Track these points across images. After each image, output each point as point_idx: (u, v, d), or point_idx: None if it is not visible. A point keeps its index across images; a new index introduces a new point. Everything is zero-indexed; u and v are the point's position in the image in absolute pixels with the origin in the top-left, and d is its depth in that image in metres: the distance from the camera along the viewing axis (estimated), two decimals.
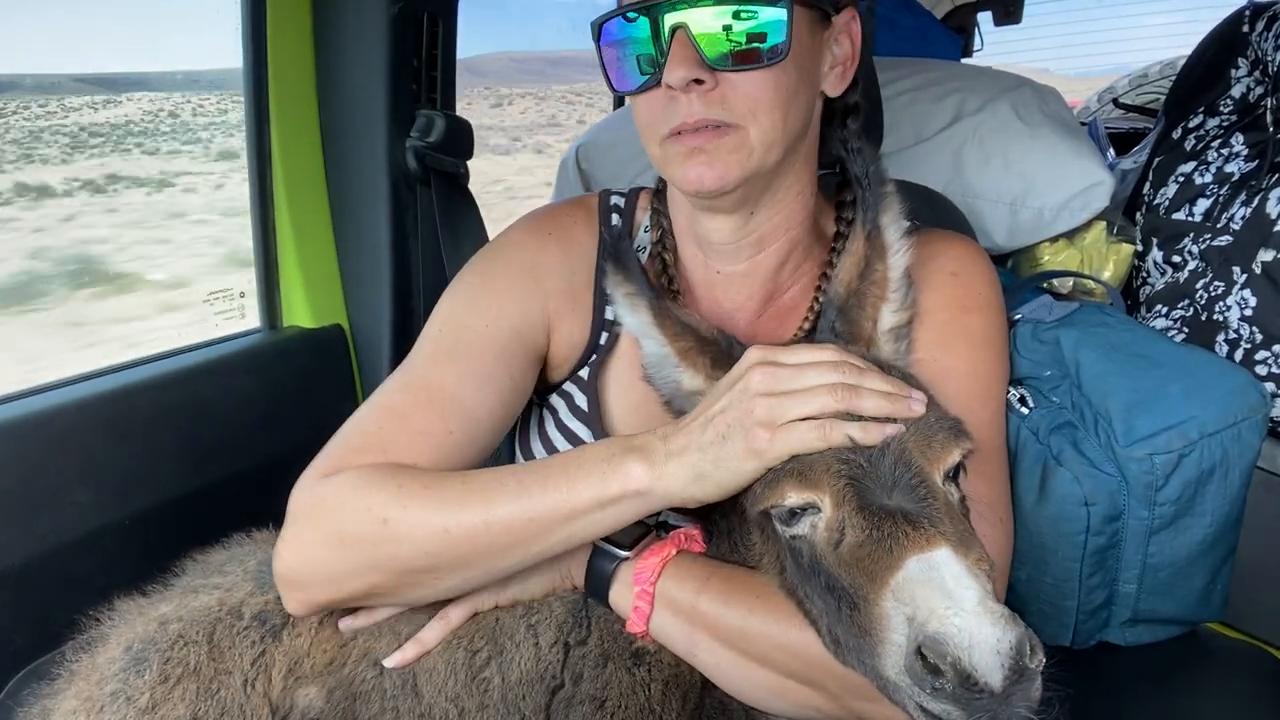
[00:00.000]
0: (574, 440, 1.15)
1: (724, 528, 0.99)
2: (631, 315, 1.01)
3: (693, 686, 0.96)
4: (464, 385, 1.04)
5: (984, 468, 1.01)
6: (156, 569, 1.06)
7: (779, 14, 0.96)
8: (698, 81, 0.96)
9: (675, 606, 0.93)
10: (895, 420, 0.78)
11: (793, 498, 0.78)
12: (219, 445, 1.62)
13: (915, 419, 0.80)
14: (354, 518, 0.90)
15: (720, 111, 0.97)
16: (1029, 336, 1.36)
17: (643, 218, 1.21)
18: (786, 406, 0.79)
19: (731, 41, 0.96)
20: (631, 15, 0.99)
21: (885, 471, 0.76)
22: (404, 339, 1.90)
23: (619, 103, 3.32)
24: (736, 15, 0.96)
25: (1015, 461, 1.27)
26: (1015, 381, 1.33)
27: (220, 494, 1.61)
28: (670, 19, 0.96)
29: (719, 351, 0.96)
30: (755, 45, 0.97)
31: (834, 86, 1.10)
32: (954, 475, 0.81)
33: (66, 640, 1.01)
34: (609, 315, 1.14)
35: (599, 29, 1.03)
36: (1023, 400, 1.31)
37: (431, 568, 0.91)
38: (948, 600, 0.65)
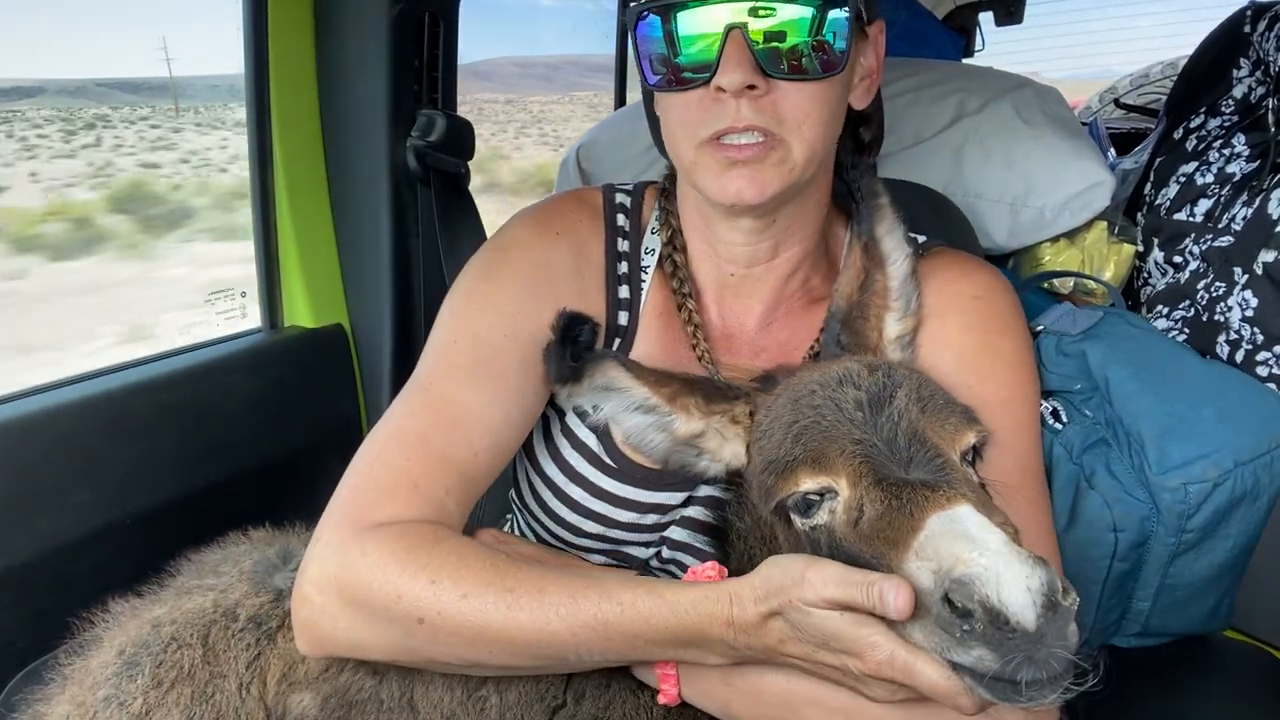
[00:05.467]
0: (581, 447, 1.11)
1: (740, 549, 0.97)
2: (608, 383, 0.93)
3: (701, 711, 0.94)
4: (488, 403, 0.99)
5: (1031, 492, 1.00)
6: (158, 569, 1.06)
7: (841, 24, 0.92)
8: (750, 87, 0.91)
9: (705, 684, 0.90)
10: None
11: (808, 483, 0.78)
12: (220, 444, 1.62)
13: (925, 400, 0.80)
14: (386, 604, 0.86)
15: (770, 120, 0.93)
16: (1053, 349, 1.34)
17: (650, 216, 1.18)
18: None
19: (789, 48, 0.92)
20: (680, 7, 0.93)
21: (900, 449, 0.75)
22: (405, 338, 1.90)
23: (620, 102, 3.31)
24: (796, 20, 0.91)
25: (1049, 481, 1.25)
26: (1046, 394, 1.32)
27: (222, 493, 1.61)
28: (725, 16, 0.91)
29: (710, 387, 0.93)
30: (813, 55, 0.93)
31: (860, 99, 1.07)
32: (970, 459, 0.81)
33: (66, 641, 1.01)
34: (621, 320, 1.12)
35: (636, 18, 0.97)
36: (1055, 414, 1.29)
37: (462, 669, 0.90)
38: (971, 545, 0.64)
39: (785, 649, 0.78)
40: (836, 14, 0.93)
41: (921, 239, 1.16)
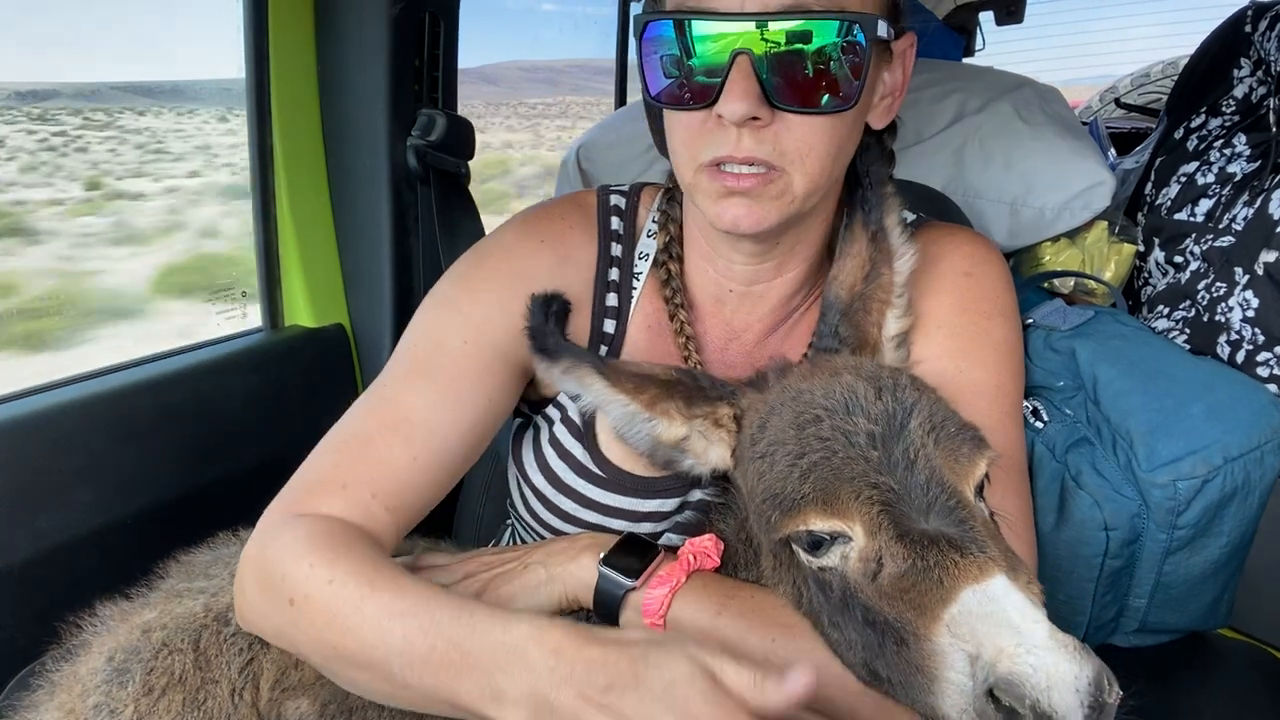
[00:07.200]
0: (567, 457, 1.09)
1: (735, 543, 0.94)
2: (582, 388, 0.90)
3: None
4: (436, 409, 0.98)
5: (1014, 483, 0.98)
6: (158, 569, 1.05)
7: (859, 53, 0.87)
8: (754, 118, 0.87)
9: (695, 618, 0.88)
10: None
11: (818, 524, 0.73)
12: (221, 444, 1.62)
13: (937, 428, 0.76)
14: (274, 584, 0.86)
15: (771, 152, 0.89)
16: (1041, 344, 1.33)
17: (646, 220, 1.14)
18: None
19: (799, 78, 0.87)
20: (688, 23, 0.88)
21: (918, 493, 0.71)
22: None
23: (620, 100, 3.31)
24: (807, 48, 0.86)
25: (1032, 479, 1.24)
26: (1026, 393, 1.31)
27: (222, 493, 1.61)
28: (733, 39, 0.85)
29: (690, 389, 0.89)
30: (822, 86, 0.88)
31: (880, 119, 1.01)
32: (980, 490, 0.77)
33: (65, 641, 1.00)
34: (607, 328, 1.10)
35: (642, 27, 0.92)
36: (1036, 413, 1.28)
37: (326, 670, 0.87)
38: (1016, 636, 0.61)
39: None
40: (855, 42, 0.87)
41: (912, 216, 1.11)
